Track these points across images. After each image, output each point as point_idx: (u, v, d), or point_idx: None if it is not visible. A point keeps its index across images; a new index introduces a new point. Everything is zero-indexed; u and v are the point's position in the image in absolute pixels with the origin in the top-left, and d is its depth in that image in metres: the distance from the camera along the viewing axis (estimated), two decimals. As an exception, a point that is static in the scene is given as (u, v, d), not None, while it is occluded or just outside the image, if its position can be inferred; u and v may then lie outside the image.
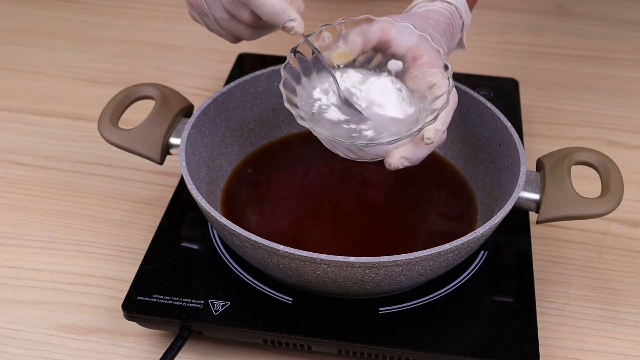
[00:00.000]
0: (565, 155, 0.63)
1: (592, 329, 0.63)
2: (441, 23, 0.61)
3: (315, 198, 0.68)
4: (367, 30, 0.57)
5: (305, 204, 0.67)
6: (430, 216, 0.67)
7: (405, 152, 0.54)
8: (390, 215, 0.66)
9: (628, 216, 0.73)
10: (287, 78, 0.55)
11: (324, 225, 0.65)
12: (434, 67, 0.56)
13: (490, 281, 0.62)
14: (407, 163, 0.54)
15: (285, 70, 0.55)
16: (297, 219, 0.65)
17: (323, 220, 0.65)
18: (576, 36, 1.04)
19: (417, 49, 0.57)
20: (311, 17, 1.03)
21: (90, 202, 0.75)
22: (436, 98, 0.55)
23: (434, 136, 0.53)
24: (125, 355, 0.61)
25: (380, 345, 0.56)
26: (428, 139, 0.53)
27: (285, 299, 0.59)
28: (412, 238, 0.64)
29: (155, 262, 0.62)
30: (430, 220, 0.66)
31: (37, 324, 0.63)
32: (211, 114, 0.68)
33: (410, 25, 0.57)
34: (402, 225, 0.65)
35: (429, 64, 0.56)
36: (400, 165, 0.54)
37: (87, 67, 0.95)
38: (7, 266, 0.68)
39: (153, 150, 0.65)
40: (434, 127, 0.53)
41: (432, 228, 0.66)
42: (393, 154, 0.54)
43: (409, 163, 0.54)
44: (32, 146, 0.82)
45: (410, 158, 0.54)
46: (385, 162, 0.55)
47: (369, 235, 0.64)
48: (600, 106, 0.89)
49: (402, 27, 0.57)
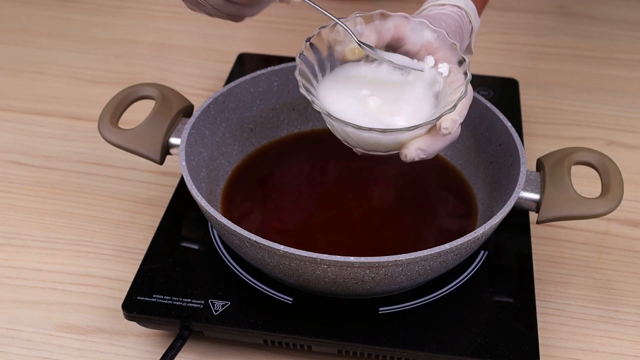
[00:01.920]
0: (565, 155, 0.63)
1: (592, 329, 0.63)
2: (452, 26, 0.61)
3: (315, 198, 0.68)
4: (381, 26, 0.57)
5: (305, 203, 0.67)
6: (430, 216, 0.67)
7: (421, 144, 0.53)
8: (390, 216, 0.66)
9: (628, 216, 0.73)
10: (302, 66, 0.55)
11: (324, 225, 0.65)
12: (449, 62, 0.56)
13: (490, 281, 0.62)
14: (422, 155, 0.54)
15: (300, 59, 0.55)
16: (297, 218, 0.65)
17: (323, 220, 0.65)
18: (576, 36, 1.04)
19: (431, 45, 0.57)
20: (311, 17, 1.03)
21: (90, 202, 0.75)
22: (454, 90, 0.54)
23: (452, 126, 0.52)
24: (125, 355, 0.61)
25: (380, 345, 0.56)
26: (445, 129, 0.52)
27: (285, 299, 0.59)
28: (412, 238, 0.64)
29: (155, 262, 0.62)
30: (430, 220, 0.66)
31: (37, 324, 0.63)
32: (211, 114, 0.68)
33: (425, 22, 0.57)
34: (402, 225, 0.65)
35: (444, 59, 0.56)
36: (416, 157, 0.54)
37: (87, 67, 0.95)
38: (7, 266, 0.68)
39: (153, 150, 0.65)
40: (451, 117, 0.52)
41: (432, 228, 0.66)
42: (409, 145, 0.53)
43: (425, 155, 0.54)
44: (32, 146, 0.82)
45: (426, 150, 0.54)
46: (401, 154, 0.54)
47: (369, 235, 0.64)
48: (600, 106, 0.89)
49: (417, 23, 0.57)
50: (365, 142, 0.54)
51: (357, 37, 0.56)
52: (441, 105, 0.55)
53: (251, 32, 1.03)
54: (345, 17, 0.57)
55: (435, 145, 0.54)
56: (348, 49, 0.57)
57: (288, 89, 0.73)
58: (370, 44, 0.57)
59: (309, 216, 0.66)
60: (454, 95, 0.53)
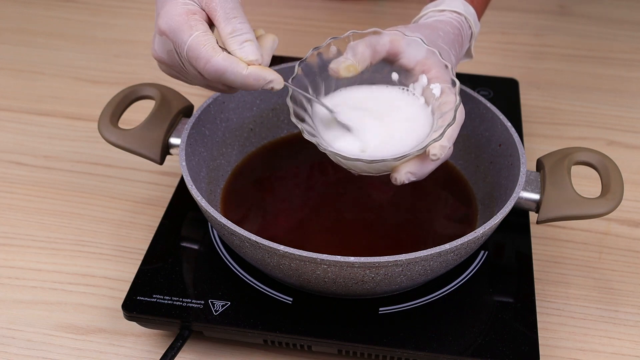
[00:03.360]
0: (565, 155, 0.63)
1: (592, 329, 0.63)
2: (450, 34, 0.61)
3: (315, 198, 0.68)
4: (376, 42, 0.57)
5: (305, 204, 0.67)
6: (430, 216, 0.67)
7: (411, 167, 0.54)
8: (390, 216, 0.66)
9: (628, 216, 0.73)
10: (294, 92, 0.55)
11: (324, 225, 0.65)
12: (441, 82, 0.56)
13: (490, 281, 0.62)
14: (413, 178, 0.55)
15: (292, 83, 0.55)
16: (297, 218, 0.65)
17: (323, 220, 0.65)
18: (576, 36, 1.04)
19: (425, 62, 0.57)
20: (311, 17, 1.03)
21: (90, 202, 0.75)
22: (443, 114, 0.55)
23: (440, 153, 0.53)
24: (125, 355, 0.61)
25: (380, 345, 0.56)
26: (434, 155, 0.53)
27: (285, 299, 0.59)
28: (412, 238, 0.64)
29: (155, 262, 0.62)
30: (430, 221, 0.66)
31: (37, 324, 0.63)
32: (211, 114, 0.68)
33: (418, 39, 0.56)
34: (402, 226, 0.65)
35: (437, 79, 0.56)
36: (406, 180, 0.54)
37: (87, 67, 0.95)
38: (7, 266, 0.68)
39: (153, 150, 0.65)
40: (439, 143, 0.53)
41: (432, 228, 0.66)
42: (399, 169, 0.54)
43: (415, 178, 0.55)
44: (32, 146, 0.82)
45: (416, 173, 0.54)
46: (392, 177, 0.55)
47: (369, 236, 0.64)
48: (600, 106, 0.89)
49: (411, 40, 0.57)
50: (356, 167, 0.55)
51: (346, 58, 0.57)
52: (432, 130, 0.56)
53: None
54: (338, 37, 0.57)
55: (425, 168, 0.55)
56: (343, 66, 0.57)
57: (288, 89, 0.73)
58: (364, 59, 0.57)
59: (309, 216, 0.66)
60: (444, 120, 0.54)
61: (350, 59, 0.57)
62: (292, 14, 1.06)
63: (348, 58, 0.57)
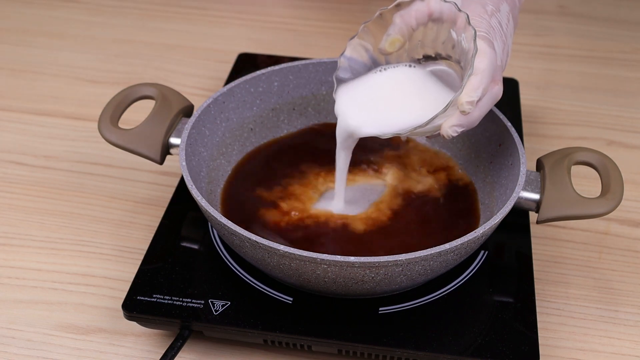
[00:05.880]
0: (565, 155, 0.63)
1: (592, 329, 0.63)
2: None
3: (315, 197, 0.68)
4: (411, 8, 0.57)
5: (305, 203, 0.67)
6: (429, 216, 0.67)
7: (455, 121, 0.54)
8: (390, 215, 0.66)
9: (628, 216, 0.73)
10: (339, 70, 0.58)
11: (324, 225, 0.65)
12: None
13: (490, 281, 0.62)
14: (459, 129, 0.55)
15: (341, 60, 0.58)
16: (297, 218, 0.65)
17: (323, 219, 0.65)
18: (576, 36, 1.04)
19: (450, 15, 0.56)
20: (311, 17, 1.03)
21: (90, 202, 0.75)
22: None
23: (468, 107, 0.53)
24: (125, 355, 0.61)
25: (380, 345, 0.56)
26: (463, 112, 0.54)
27: (285, 299, 0.59)
28: (412, 238, 0.64)
29: (155, 262, 0.62)
30: (430, 220, 0.66)
31: (37, 324, 0.63)
32: (211, 114, 0.68)
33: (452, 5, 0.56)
34: (402, 225, 0.65)
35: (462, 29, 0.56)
36: (453, 134, 0.55)
37: (87, 67, 0.95)
38: (7, 266, 0.68)
39: (153, 150, 0.65)
40: (465, 99, 0.53)
41: (432, 228, 0.66)
42: (443, 126, 0.55)
43: (463, 128, 0.55)
44: (32, 146, 0.82)
45: (462, 124, 0.55)
46: (441, 137, 0.56)
47: (369, 235, 0.64)
48: (600, 106, 0.89)
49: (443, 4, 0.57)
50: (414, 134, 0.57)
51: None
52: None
53: (251, 32, 1.03)
54: (385, 7, 0.57)
55: (469, 118, 0.55)
56: (387, 42, 0.58)
57: (288, 89, 0.73)
58: (408, 27, 0.57)
59: (309, 216, 0.66)
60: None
61: (393, 33, 0.58)
62: (292, 14, 1.06)
63: (390, 33, 0.58)
